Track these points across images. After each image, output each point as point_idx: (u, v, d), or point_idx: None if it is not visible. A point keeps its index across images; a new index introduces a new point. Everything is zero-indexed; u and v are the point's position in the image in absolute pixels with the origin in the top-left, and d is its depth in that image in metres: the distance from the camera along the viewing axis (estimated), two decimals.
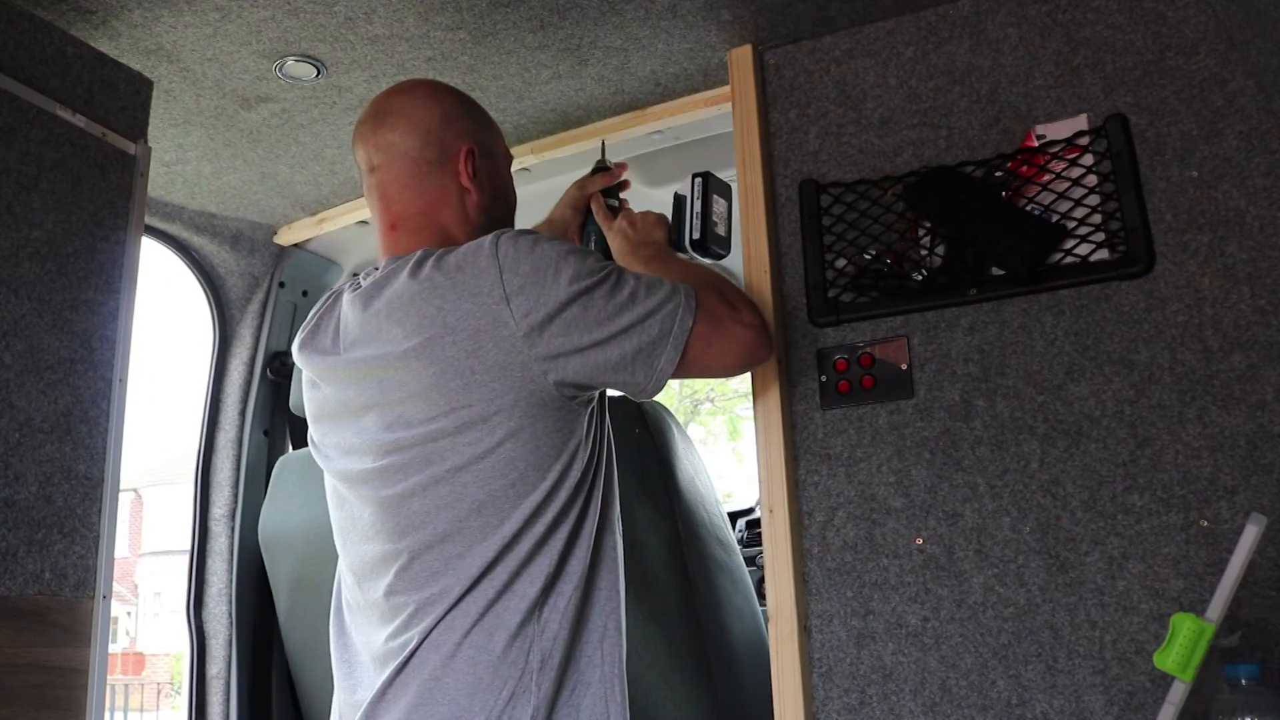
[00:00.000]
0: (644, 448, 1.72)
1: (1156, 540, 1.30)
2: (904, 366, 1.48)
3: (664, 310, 1.21)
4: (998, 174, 1.48)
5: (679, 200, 1.59)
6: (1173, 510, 1.30)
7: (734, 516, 2.77)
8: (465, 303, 1.15)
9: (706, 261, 1.59)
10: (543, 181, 2.05)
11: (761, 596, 1.70)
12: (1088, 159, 1.43)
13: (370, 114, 1.35)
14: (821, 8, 1.60)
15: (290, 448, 2.38)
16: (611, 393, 1.33)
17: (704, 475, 1.87)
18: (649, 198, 2.22)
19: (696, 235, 1.56)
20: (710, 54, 1.73)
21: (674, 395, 9.81)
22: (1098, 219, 1.41)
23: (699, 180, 1.58)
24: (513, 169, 1.47)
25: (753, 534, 2.71)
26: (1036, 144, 1.45)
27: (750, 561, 2.21)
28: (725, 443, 10.24)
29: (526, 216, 1.52)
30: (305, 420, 1.39)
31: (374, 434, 1.21)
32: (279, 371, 2.32)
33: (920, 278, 1.50)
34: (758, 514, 2.64)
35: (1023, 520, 1.37)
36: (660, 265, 1.43)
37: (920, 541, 1.42)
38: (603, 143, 1.84)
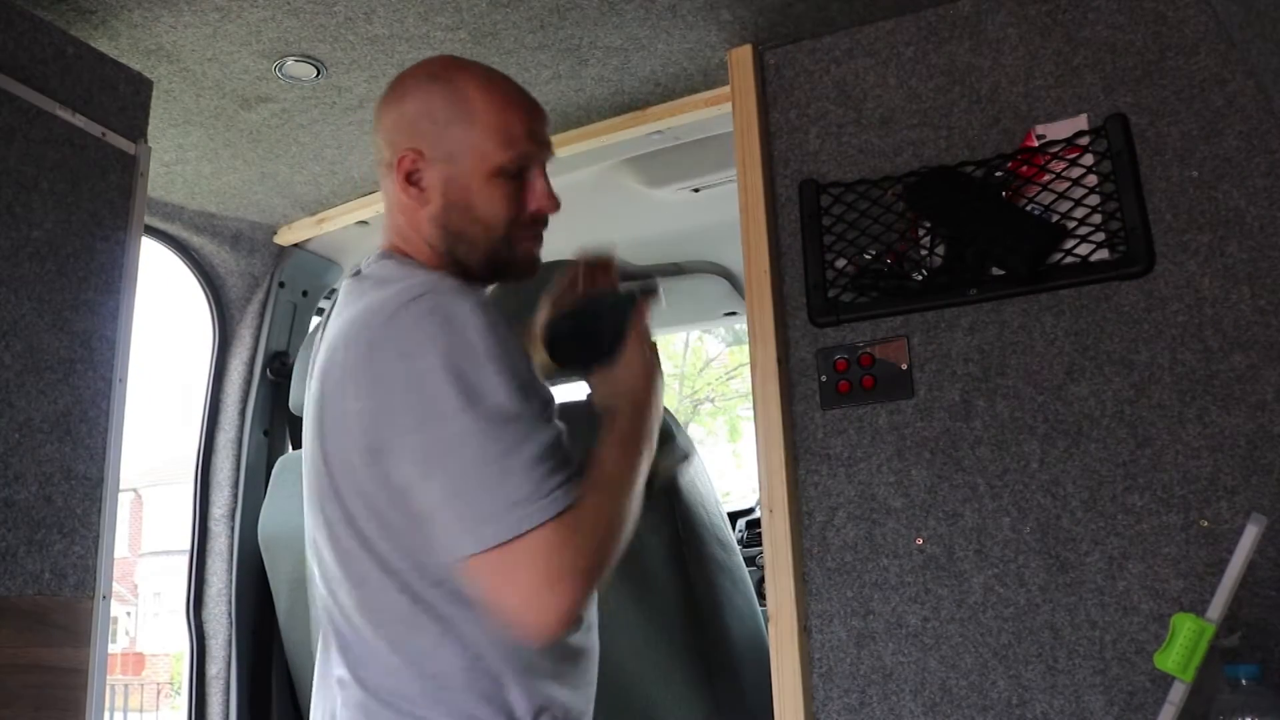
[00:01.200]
0: None
1: (1156, 540, 1.30)
2: (904, 366, 1.48)
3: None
4: (998, 174, 1.48)
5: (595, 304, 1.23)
6: (1173, 510, 1.30)
7: (734, 516, 2.77)
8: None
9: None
10: None
11: (761, 596, 1.70)
12: (1088, 159, 1.43)
13: (374, 108, 1.34)
14: (821, 8, 1.60)
15: (290, 448, 2.38)
16: None
17: (704, 475, 1.87)
18: (649, 198, 2.22)
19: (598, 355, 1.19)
20: (710, 54, 1.73)
21: (674, 395, 9.80)
22: (1098, 219, 1.41)
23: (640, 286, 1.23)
24: None
25: (753, 534, 2.71)
26: (1036, 144, 1.45)
27: (750, 561, 2.21)
28: (725, 444, 10.22)
29: None
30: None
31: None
32: (279, 371, 2.32)
33: (920, 278, 1.50)
34: (758, 514, 2.64)
35: (1023, 520, 1.37)
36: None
37: (920, 541, 1.42)
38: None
